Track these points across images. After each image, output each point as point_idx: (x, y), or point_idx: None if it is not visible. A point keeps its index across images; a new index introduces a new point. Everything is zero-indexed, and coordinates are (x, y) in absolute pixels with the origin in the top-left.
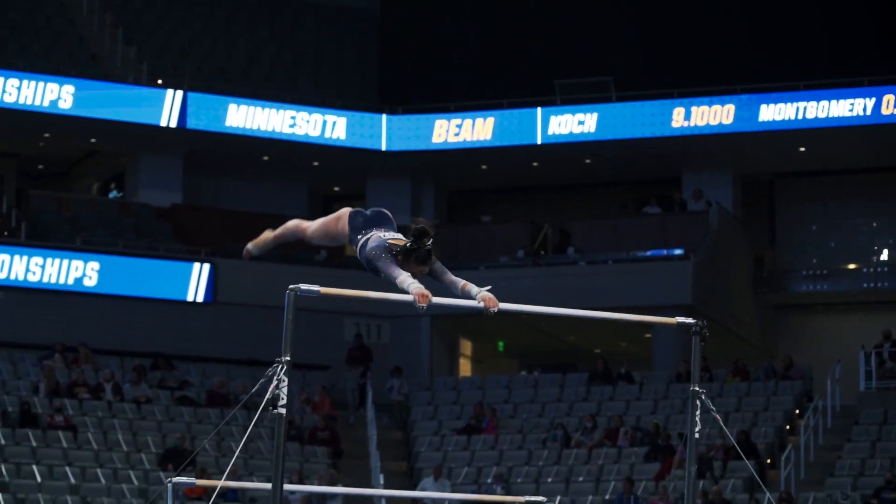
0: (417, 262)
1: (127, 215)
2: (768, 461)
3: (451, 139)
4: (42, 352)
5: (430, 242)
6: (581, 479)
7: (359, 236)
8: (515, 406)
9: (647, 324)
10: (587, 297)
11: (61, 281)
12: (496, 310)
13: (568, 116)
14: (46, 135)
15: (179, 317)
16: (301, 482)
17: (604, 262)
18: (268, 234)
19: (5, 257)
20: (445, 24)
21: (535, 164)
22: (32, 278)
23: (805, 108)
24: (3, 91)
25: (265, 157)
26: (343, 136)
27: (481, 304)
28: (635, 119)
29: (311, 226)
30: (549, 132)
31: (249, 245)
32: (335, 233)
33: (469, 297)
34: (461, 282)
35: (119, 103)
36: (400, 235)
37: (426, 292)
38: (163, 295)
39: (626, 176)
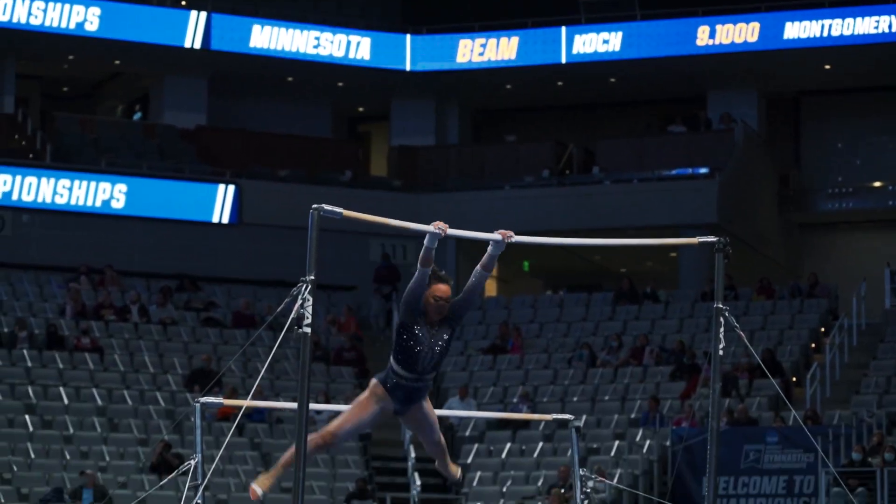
0: (436, 279)
1: (151, 137)
2: (793, 379)
3: (476, 59)
4: (68, 274)
5: None
6: (606, 398)
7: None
8: (541, 326)
9: (671, 245)
10: (612, 217)
11: (89, 203)
12: (511, 239)
13: (592, 35)
14: (71, 57)
15: (205, 238)
16: (327, 402)
17: (629, 182)
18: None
19: (32, 180)
20: None
21: (559, 83)
22: (60, 201)
23: (830, 26)
24: (29, 13)
25: (289, 79)
26: (367, 57)
27: (498, 237)
28: (660, 38)
29: (336, 424)
30: (574, 51)
31: (256, 487)
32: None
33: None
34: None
35: (144, 25)
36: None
37: (442, 224)
38: (188, 216)
39: (650, 95)
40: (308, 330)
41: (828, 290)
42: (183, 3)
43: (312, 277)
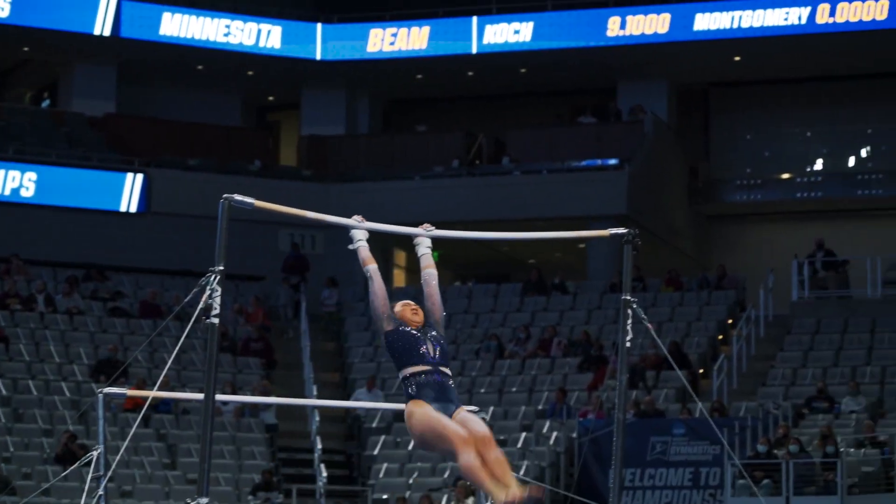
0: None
1: (60, 125)
2: (701, 371)
3: (387, 48)
4: None
5: None
6: (514, 389)
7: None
8: (449, 316)
9: (580, 238)
10: (522, 207)
11: None
12: (431, 230)
13: (503, 25)
14: None
15: (113, 227)
16: (234, 393)
17: (538, 172)
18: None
19: None
20: None
21: (470, 73)
22: None
23: (740, 17)
24: None
25: (199, 67)
26: (278, 45)
27: (421, 231)
28: (571, 28)
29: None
30: (485, 41)
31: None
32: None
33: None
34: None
35: (53, 11)
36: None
37: (358, 217)
38: (96, 205)
39: (561, 86)
40: (216, 321)
41: (736, 282)
42: None
43: (221, 268)
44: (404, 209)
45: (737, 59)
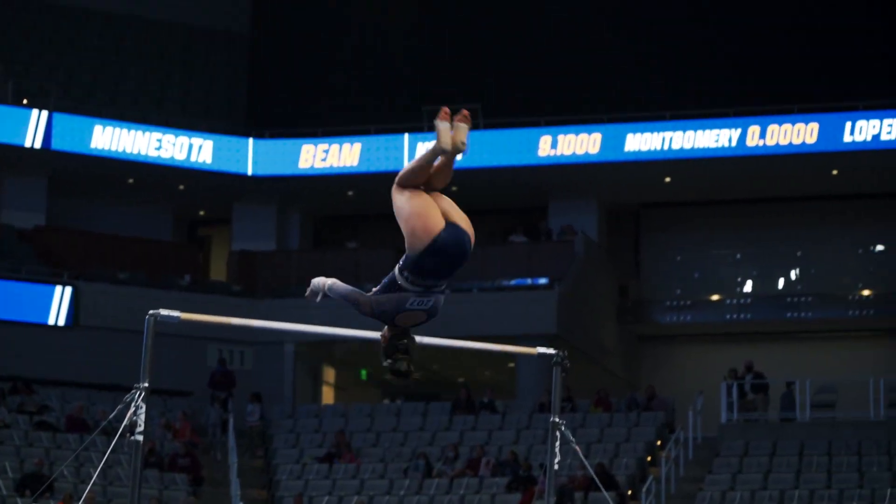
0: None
1: None
2: (629, 493)
3: (318, 164)
4: None
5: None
6: None
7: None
8: (378, 435)
9: (510, 353)
10: (452, 326)
11: None
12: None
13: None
14: None
15: (40, 340)
16: None
17: (468, 291)
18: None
19: None
20: (315, 50)
21: None
22: None
23: (671, 139)
24: None
25: (130, 180)
26: (209, 160)
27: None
28: (502, 147)
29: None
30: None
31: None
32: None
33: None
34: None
35: None
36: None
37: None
38: (24, 318)
39: (492, 203)
40: (140, 438)
41: (665, 403)
42: (24, 101)
43: (146, 385)
44: (333, 326)
45: (667, 179)
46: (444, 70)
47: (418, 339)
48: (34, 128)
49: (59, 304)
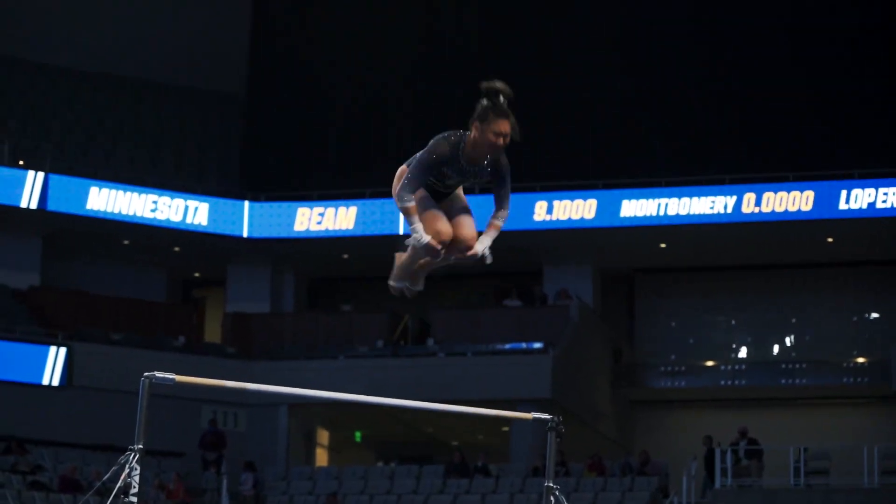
0: (496, 115)
1: None
2: None
3: (314, 227)
4: None
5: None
6: None
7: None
8: (371, 497)
9: (505, 418)
10: (446, 389)
11: None
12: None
13: None
14: None
15: (34, 400)
16: None
17: (463, 354)
18: (400, 259)
19: None
20: (310, 112)
21: (396, 253)
22: None
23: (666, 205)
24: None
25: (125, 241)
26: (205, 222)
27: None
28: None
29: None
30: None
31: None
32: None
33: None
34: (500, 215)
35: None
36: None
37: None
38: (18, 378)
39: (487, 267)
40: (134, 500)
41: (658, 468)
42: (21, 162)
43: (141, 446)
44: (328, 388)
45: (662, 245)
46: (440, 132)
47: (413, 403)
48: (30, 188)
49: (53, 365)
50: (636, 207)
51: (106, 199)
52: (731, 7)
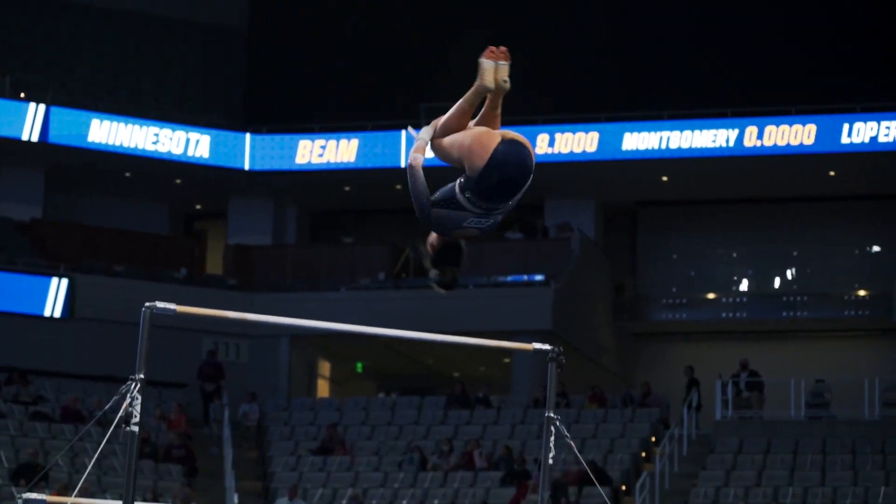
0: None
1: None
2: (623, 488)
3: (315, 160)
4: None
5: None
6: (436, 502)
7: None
8: (372, 428)
9: (505, 349)
10: (447, 321)
11: None
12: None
13: None
14: None
15: (36, 332)
16: (155, 500)
17: (464, 287)
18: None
19: None
20: (313, 46)
21: (398, 186)
22: None
23: (668, 138)
24: None
25: (127, 174)
26: (206, 155)
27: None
28: None
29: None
30: None
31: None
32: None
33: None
34: None
35: None
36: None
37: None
38: (19, 309)
39: None
40: (135, 429)
41: (660, 400)
42: (22, 95)
43: (142, 376)
44: (329, 320)
45: (664, 178)
46: (442, 67)
47: (414, 334)
48: (31, 121)
49: (55, 296)
50: (638, 140)
51: (107, 132)
52: None
